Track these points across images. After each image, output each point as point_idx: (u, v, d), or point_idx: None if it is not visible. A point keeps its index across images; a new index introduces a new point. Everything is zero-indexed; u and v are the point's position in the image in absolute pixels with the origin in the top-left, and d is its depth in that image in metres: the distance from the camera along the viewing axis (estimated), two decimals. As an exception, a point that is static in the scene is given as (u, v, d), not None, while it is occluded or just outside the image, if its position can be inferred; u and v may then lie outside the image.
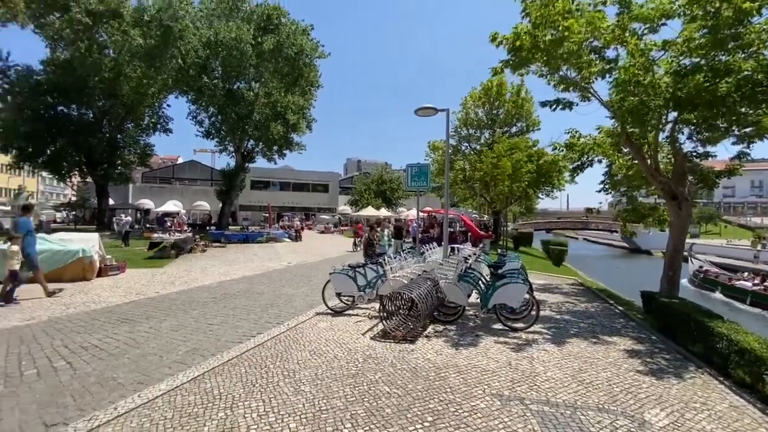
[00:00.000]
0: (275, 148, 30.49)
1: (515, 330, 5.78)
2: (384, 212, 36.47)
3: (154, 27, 21.55)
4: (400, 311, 6.09)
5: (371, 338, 5.34)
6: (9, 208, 32.36)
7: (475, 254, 8.26)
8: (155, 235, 16.17)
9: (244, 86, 27.88)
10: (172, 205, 34.40)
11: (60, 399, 3.52)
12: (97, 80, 24.99)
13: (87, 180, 30.45)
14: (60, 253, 9.04)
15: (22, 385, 3.78)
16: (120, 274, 10.30)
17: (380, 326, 5.83)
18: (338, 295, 6.91)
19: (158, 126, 29.98)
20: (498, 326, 5.96)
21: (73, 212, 33.77)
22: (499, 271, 6.48)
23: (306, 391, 3.71)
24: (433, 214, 21.19)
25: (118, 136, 28.23)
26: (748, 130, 6.73)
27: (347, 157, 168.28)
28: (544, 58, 6.76)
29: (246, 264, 13.29)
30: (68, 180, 30.77)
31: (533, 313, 5.95)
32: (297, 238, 25.02)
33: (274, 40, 24.59)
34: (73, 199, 33.89)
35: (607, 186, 9.48)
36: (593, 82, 7.60)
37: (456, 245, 11.77)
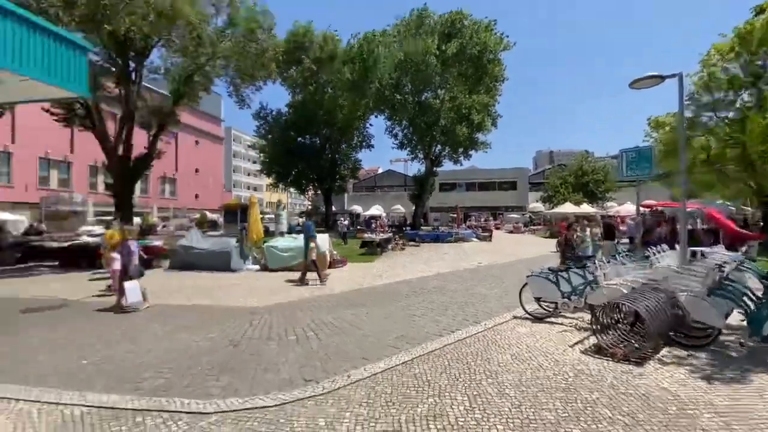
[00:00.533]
0: (461, 150, 31.22)
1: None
2: (586, 208, 31.72)
3: (357, 62, 25.66)
4: (619, 325, 5.13)
5: (582, 352, 4.69)
6: (273, 216, 44.69)
7: (734, 261, 6.13)
8: (366, 235, 19.11)
9: (431, 95, 29.71)
10: (375, 210, 39.95)
11: (311, 361, 4.56)
12: (321, 113, 31.70)
13: (317, 192, 39.03)
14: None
15: (288, 346, 5.10)
16: (343, 267, 12.63)
17: (592, 340, 5.06)
18: (537, 300, 6.40)
19: (363, 143, 35.44)
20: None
21: (310, 218, 43.96)
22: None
23: (511, 395, 3.57)
24: (659, 208, 16.98)
25: (336, 155, 34.91)
26: None
27: (537, 149, 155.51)
28: None
29: (438, 262, 14.04)
30: (306, 193, 40.21)
31: None
32: (487, 238, 24.76)
33: (457, 44, 25.25)
34: (309, 207, 43.99)
35: None
36: None
37: (700, 249, 9.02)
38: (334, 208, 39.32)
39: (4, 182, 32.21)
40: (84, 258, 12.96)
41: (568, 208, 30.79)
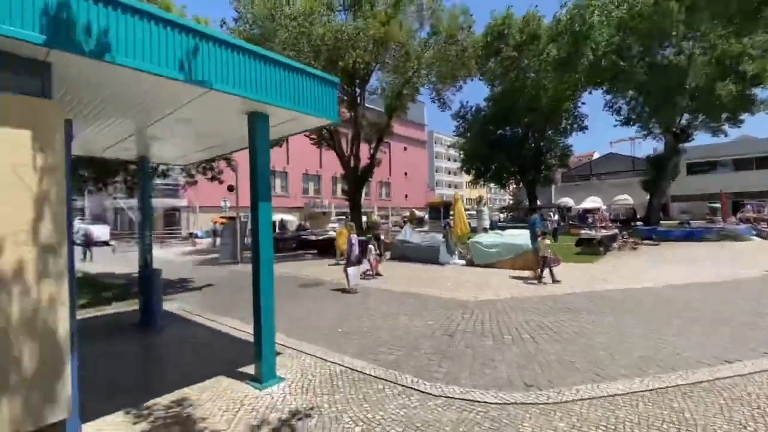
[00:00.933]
0: (723, 115, 23.07)
1: None
2: None
3: (566, 35, 22.67)
4: None
5: None
6: (474, 212, 45.17)
7: None
8: (582, 231, 16.70)
9: (670, 52, 23.19)
10: (590, 202, 34.48)
11: (530, 365, 4.25)
12: (522, 101, 29.73)
13: (519, 185, 36.93)
14: (512, 247, 11.32)
15: (503, 345, 4.93)
16: (556, 267, 11.40)
17: None
18: None
19: (574, 126, 31.16)
20: None
21: (511, 213, 42.00)
22: None
23: None
24: None
25: (541, 143, 32.04)
26: None
27: None
28: None
29: (691, 267, 10.76)
30: (507, 187, 38.71)
31: None
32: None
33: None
34: (510, 202, 42.16)
35: None
36: None
37: None
38: (539, 202, 36.28)
39: (284, 193, 45.11)
40: (331, 248, 16.64)
41: None
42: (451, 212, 15.38)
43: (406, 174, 60.16)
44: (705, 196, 32.20)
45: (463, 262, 12.83)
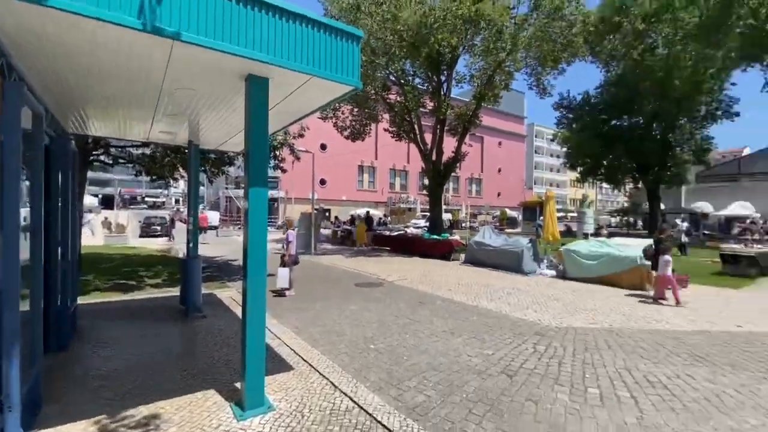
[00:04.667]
0: None
1: None
2: None
3: (712, -5, 17.93)
4: None
5: None
6: (576, 213, 39.89)
7: None
8: (725, 245, 12.89)
9: None
10: (738, 207, 27.48)
11: (627, 452, 2.74)
12: (647, 84, 24.73)
13: (638, 186, 31.18)
14: (618, 259, 9.01)
15: (585, 404, 3.42)
16: (682, 288, 8.75)
17: None
18: None
19: (718, 113, 24.97)
20: None
21: (626, 217, 35.86)
22: None
23: None
24: None
25: (669, 135, 26.41)
26: None
27: None
28: None
29: None
30: (622, 187, 33.07)
31: None
32: None
33: None
34: (626, 205, 36.01)
35: None
36: None
37: None
38: (663, 206, 30.12)
39: (372, 188, 45.79)
40: (410, 245, 15.82)
41: None
42: (542, 214, 13.21)
43: (500, 170, 56.27)
44: None
45: (553, 273, 10.79)
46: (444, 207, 35.36)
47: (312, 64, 3.13)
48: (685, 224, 18.10)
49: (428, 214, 24.09)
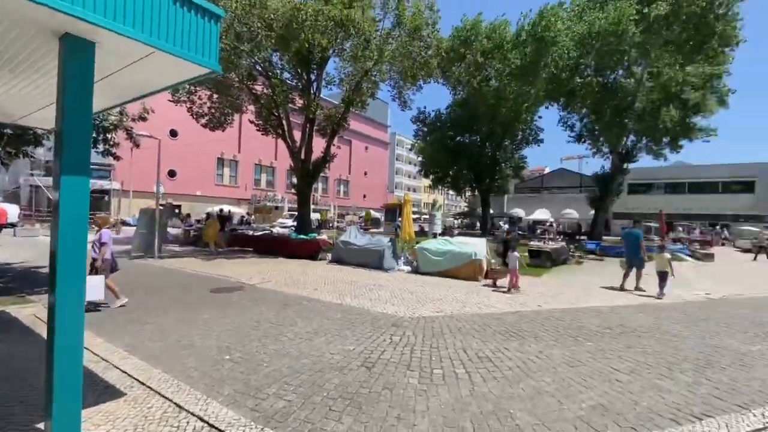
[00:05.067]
0: (665, 139, 24.25)
1: None
2: None
3: (529, 44, 22.68)
4: None
5: None
6: (427, 216, 45.01)
7: None
8: (533, 243, 16.42)
9: (622, 75, 24.03)
10: (541, 213, 35.37)
11: (460, 420, 3.21)
12: (482, 109, 29.68)
13: (475, 193, 37.11)
14: (459, 255, 10.52)
15: (431, 384, 3.88)
16: (502, 279, 10.76)
17: None
18: None
19: (530, 138, 31.66)
20: None
21: (465, 219, 42.24)
22: None
23: None
24: None
25: (498, 153, 32.25)
26: None
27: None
28: None
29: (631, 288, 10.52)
30: (463, 194, 38.79)
31: None
32: (707, 257, 18.28)
33: (666, 4, 19.46)
34: (466, 209, 42.41)
35: None
36: None
37: None
38: (492, 211, 36.61)
39: (233, 183, 42.19)
40: (273, 245, 15.11)
41: None
42: (401, 215, 14.43)
43: (366, 173, 59.10)
44: (641, 215, 34.10)
45: (409, 268, 11.88)
46: (313, 207, 35.05)
47: (158, 36, 2.69)
48: (506, 226, 22.32)
49: (296, 213, 23.57)
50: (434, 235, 15.16)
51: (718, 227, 33.64)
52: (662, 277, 9.14)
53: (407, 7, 17.81)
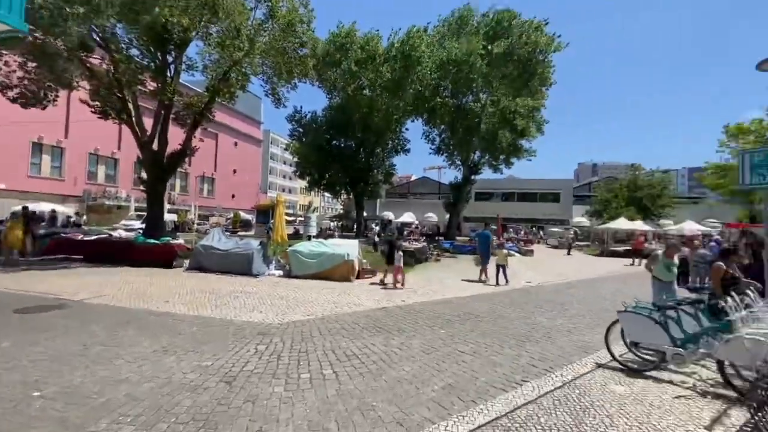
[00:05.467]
0: (502, 157, 29.30)
1: None
2: (641, 225, 28.71)
3: (398, 60, 24.54)
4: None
5: (736, 444, 3.07)
6: (303, 218, 44.38)
7: None
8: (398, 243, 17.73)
9: (472, 99, 28.12)
10: (408, 217, 38.52)
11: (325, 421, 3.24)
12: (357, 116, 30.83)
13: (350, 196, 38.15)
14: (332, 256, 10.64)
15: (297, 390, 3.81)
16: (373, 277, 11.33)
17: (733, 417, 3.43)
18: (633, 345, 4.76)
19: (399, 147, 34.19)
20: None
21: (341, 222, 43.05)
22: None
23: None
24: (750, 230, 14.46)
25: (371, 159, 33.87)
26: None
27: (578, 161, 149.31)
28: None
29: (475, 279, 12.41)
30: (339, 197, 39.46)
31: None
32: (528, 252, 22.70)
33: (505, 44, 23.60)
34: (342, 212, 43.24)
35: None
36: None
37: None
38: (365, 214, 38.24)
39: (56, 175, 33.73)
40: (112, 252, 12.58)
41: (622, 223, 27.94)
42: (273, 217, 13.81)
43: (235, 171, 54.58)
44: (485, 218, 40.47)
45: (281, 272, 11.45)
46: (169, 207, 30.60)
47: None
48: (378, 228, 23.59)
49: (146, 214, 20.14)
50: (308, 238, 14.99)
51: (535, 229, 42.22)
52: (503, 269, 11.10)
53: (281, 2, 17.25)
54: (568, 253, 25.19)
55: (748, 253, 9.01)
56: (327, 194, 43.68)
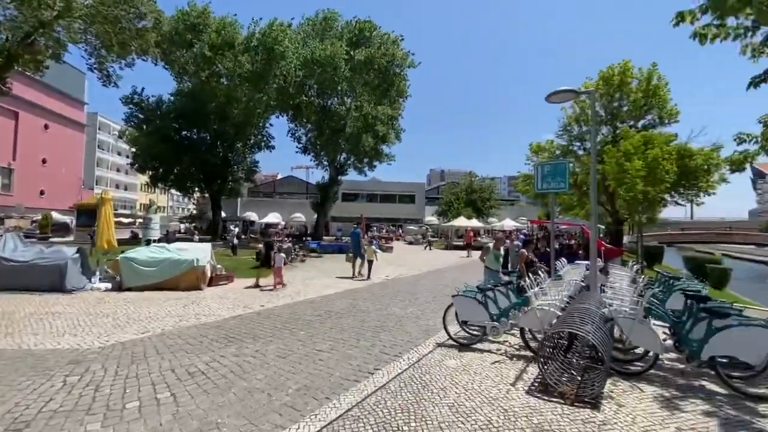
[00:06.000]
0: (366, 160, 30.77)
1: (757, 400, 3.79)
2: (475, 223, 34.21)
3: (260, 51, 23.22)
4: (555, 352, 4.54)
5: (527, 393, 3.89)
6: (142, 219, 38.00)
7: (639, 278, 6.25)
8: (260, 245, 16.75)
9: (338, 101, 28.71)
10: (273, 217, 36.90)
11: (158, 452, 2.81)
12: (213, 105, 27.93)
13: (205, 195, 34.31)
14: (177, 263, 9.36)
15: (121, 423, 3.21)
16: (229, 284, 10.43)
17: (531, 372, 4.39)
18: (463, 323, 5.60)
19: (262, 144, 32.40)
20: (724, 390, 4.01)
21: (193, 224, 38.30)
22: (711, 305, 4.46)
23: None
24: (545, 225, 18.65)
25: (229, 154, 31.15)
26: None
27: (430, 167, 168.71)
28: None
29: (344, 276, 12.77)
30: (191, 195, 34.99)
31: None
32: (389, 249, 24.44)
33: (366, 52, 24.80)
34: (194, 212, 38.51)
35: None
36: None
37: (584, 263, 9.54)
38: (224, 214, 34.95)
39: None
40: None
41: (462, 221, 32.68)
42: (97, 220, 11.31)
43: (45, 161, 42.77)
44: (352, 218, 41.97)
45: (108, 285, 9.47)
46: None
47: None
48: (237, 229, 21.89)
49: None
50: (147, 242, 12.79)
51: (394, 227, 45.85)
52: (370, 264, 12.22)
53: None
54: (429, 249, 28.07)
55: (543, 243, 11.71)
56: (176, 192, 38.21)
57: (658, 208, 21.21)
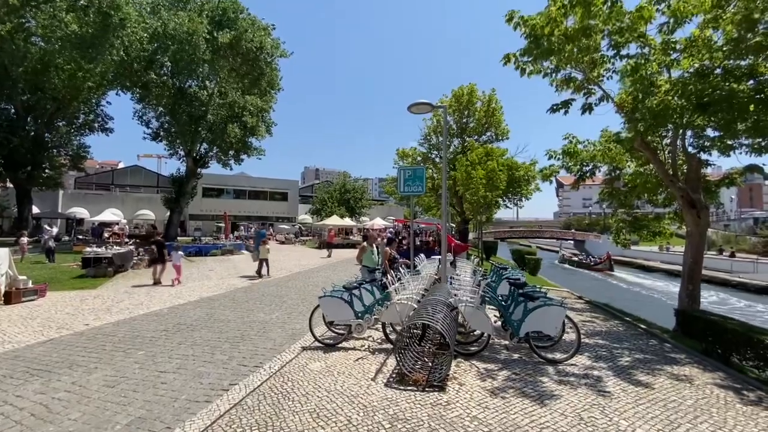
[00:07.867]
0: (231, 152, 28.31)
1: (554, 363, 4.83)
2: (348, 221, 35.16)
3: (91, 13, 18.94)
4: (409, 341, 4.95)
5: (386, 385, 4.12)
6: None
7: (478, 270, 7.33)
8: (88, 249, 13.65)
9: (197, 84, 25.61)
10: (110, 214, 30.71)
11: None
12: (21, 71, 21.60)
13: (6, 185, 26.31)
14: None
15: None
16: (38, 299, 8.18)
17: (389, 364, 4.67)
18: (330, 324, 5.62)
19: (95, 125, 26.62)
20: (534, 358, 4.97)
21: (263, 226, 29.29)
22: (526, 290, 5.51)
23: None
24: (405, 224, 20.28)
25: (47, 135, 24.59)
26: (763, 141, 6.36)
27: (305, 165, 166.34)
28: (564, 49, 6.05)
29: (202, 282, 11.45)
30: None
31: (573, 338, 5.07)
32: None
33: (231, 35, 22.73)
34: (-14, 207, 29.12)
35: (604, 196, 9.10)
36: (602, 81, 7.07)
37: (435, 257, 10.80)
38: (37, 210, 27.35)
39: None
40: None
41: (335, 220, 33.09)
42: None
43: None
44: (215, 216, 38.10)
45: None
46: None
47: None
48: (55, 229, 17.50)
49: None
50: None
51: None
52: (266, 262, 12.52)
53: None
54: (325, 250, 26.02)
55: (407, 239, 12.74)
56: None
57: (494, 209, 25.45)
